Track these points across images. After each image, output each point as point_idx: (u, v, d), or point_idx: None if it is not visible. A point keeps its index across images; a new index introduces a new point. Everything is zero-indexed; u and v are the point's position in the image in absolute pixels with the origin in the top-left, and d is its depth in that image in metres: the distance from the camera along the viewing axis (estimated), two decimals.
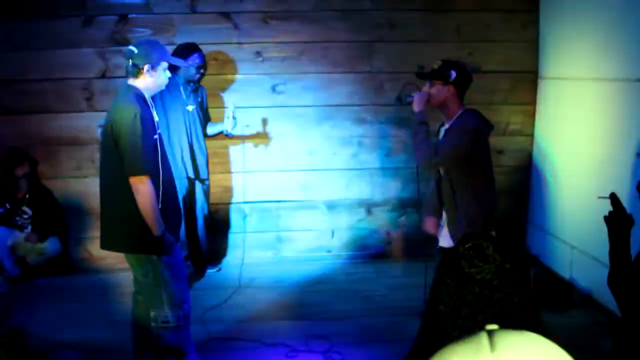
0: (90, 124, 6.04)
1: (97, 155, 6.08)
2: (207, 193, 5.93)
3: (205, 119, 5.86)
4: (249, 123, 6.12)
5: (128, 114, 3.60)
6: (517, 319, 1.54)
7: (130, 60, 3.73)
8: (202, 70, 5.68)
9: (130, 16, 6.00)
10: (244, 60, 6.07)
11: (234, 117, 5.71)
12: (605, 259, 2.63)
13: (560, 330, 1.62)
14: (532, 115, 6.39)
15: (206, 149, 5.83)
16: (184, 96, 5.62)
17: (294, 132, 6.33)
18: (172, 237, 3.82)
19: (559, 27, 5.83)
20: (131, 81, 3.79)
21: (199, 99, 5.77)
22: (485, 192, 4.06)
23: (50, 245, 5.98)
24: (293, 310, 5.26)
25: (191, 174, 5.73)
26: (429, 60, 6.02)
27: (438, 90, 3.99)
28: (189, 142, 5.65)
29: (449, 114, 4.04)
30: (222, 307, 5.26)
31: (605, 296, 4.11)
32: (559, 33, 5.82)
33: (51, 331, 4.74)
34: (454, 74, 3.94)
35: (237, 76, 6.16)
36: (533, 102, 6.37)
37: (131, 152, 3.61)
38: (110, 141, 3.67)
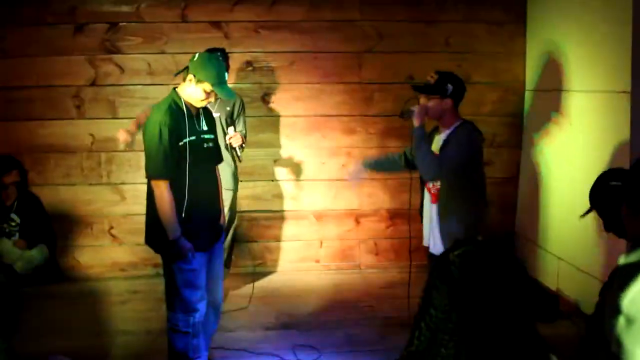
0: (80, 131, 6.05)
1: (86, 163, 6.12)
2: (231, 204, 5.70)
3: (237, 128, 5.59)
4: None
5: (152, 119, 3.79)
6: (511, 327, 1.56)
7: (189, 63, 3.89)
8: None
9: (120, 24, 6.00)
10: (234, 69, 6.07)
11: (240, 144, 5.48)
12: (591, 270, 2.66)
13: (548, 342, 1.63)
14: (520, 126, 6.43)
15: (232, 158, 5.62)
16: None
17: (283, 141, 6.35)
18: (189, 244, 3.83)
19: (546, 40, 5.88)
20: (179, 86, 3.93)
21: (228, 108, 5.52)
22: (481, 199, 4.19)
23: (38, 253, 5.95)
24: (281, 320, 5.26)
25: None
26: (418, 71, 6.13)
27: (436, 104, 4.05)
28: None
29: (445, 125, 4.13)
30: None
31: (592, 308, 4.14)
32: (546, 46, 5.87)
33: (39, 340, 4.71)
34: (450, 87, 4.01)
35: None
36: (520, 114, 6.42)
37: (148, 155, 3.80)
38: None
